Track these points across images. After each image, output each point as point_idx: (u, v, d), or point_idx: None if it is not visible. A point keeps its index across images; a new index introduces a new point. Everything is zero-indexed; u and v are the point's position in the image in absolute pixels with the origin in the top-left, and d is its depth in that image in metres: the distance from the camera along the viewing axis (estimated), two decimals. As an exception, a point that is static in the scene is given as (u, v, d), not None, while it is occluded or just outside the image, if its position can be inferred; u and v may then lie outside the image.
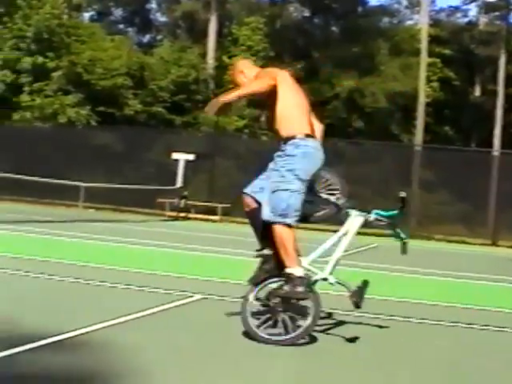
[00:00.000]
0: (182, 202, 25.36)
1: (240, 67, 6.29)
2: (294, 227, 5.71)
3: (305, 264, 5.77)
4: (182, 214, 25.15)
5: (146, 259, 11.23)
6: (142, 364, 4.67)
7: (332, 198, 6.16)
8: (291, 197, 5.64)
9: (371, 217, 6.17)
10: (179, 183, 25.55)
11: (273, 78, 5.85)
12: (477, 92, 46.20)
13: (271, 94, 5.83)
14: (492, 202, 26.36)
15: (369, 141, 33.71)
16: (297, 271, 5.59)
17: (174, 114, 34.93)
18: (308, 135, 5.84)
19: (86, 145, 28.26)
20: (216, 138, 29.48)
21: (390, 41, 44.67)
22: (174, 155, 25.81)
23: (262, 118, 36.89)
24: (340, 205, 6.14)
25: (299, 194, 5.68)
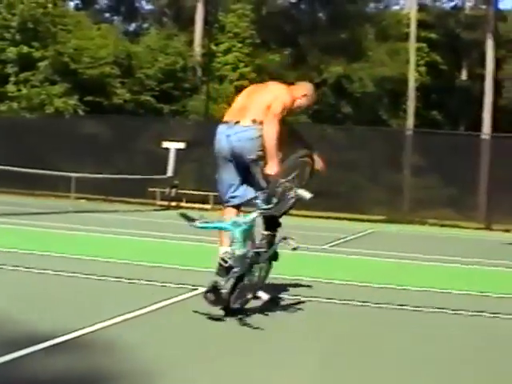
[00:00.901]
0: (173, 191, 25.21)
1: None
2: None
3: None
4: (174, 204, 25.01)
5: (146, 251, 11.08)
6: (145, 363, 4.53)
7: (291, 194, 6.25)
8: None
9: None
10: (170, 172, 25.38)
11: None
12: (463, 76, 46.16)
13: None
14: (483, 186, 26.39)
15: (358, 126, 33.63)
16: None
17: (163, 103, 34.75)
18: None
19: (75, 135, 28.01)
20: (206, 126, 29.21)
21: (377, 26, 44.58)
22: (165, 144, 25.65)
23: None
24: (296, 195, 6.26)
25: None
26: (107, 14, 50.50)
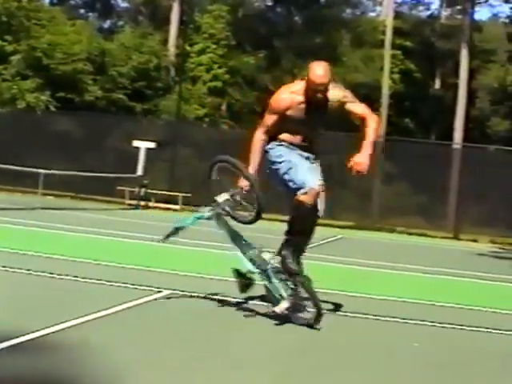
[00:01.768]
0: (142, 191, 25.06)
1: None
2: None
3: None
4: (142, 203, 24.87)
5: (113, 251, 10.96)
6: (113, 365, 4.45)
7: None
8: None
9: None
10: (140, 171, 25.23)
11: None
12: (437, 85, 46.40)
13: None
14: (453, 195, 26.50)
15: (329, 131, 33.59)
16: None
17: (135, 101, 34.52)
18: None
19: (45, 131, 27.77)
20: (177, 126, 29.12)
21: (353, 32, 44.65)
22: (135, 143, 25.47)
23: (223, 107, 36.71)
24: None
25: None
26: (82, 11, 50.09)
